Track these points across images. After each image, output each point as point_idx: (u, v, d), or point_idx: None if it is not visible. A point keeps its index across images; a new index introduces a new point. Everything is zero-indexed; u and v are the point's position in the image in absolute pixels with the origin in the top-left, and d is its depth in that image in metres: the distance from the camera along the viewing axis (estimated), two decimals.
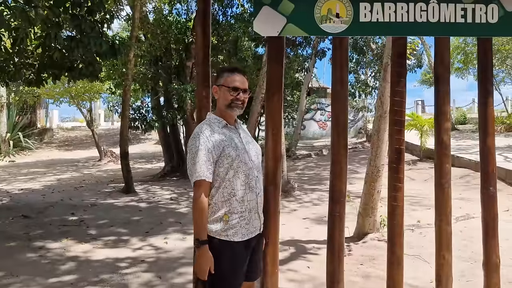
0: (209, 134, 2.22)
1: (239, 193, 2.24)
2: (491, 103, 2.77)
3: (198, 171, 2.15)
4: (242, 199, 2.25)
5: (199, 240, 2.16)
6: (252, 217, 2.30)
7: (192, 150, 2.19)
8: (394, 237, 2.77)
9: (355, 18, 2.65)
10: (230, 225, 2.22)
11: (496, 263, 2.77)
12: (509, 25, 2.69)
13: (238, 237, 2.24)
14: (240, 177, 2.24)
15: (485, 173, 2.79)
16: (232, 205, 2.23)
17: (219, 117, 2.32)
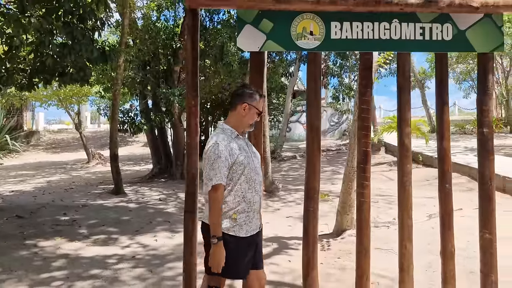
0: (226, 143, 2.56)
1: (248, 195, 2.61)
2: (447, 111, 3.15)
3: (217, 175, 2.49)
4: (249, 201, 2.62)
5: (216, 237, 2.48)
6: (255, 216, 2.68)
7: (211, 157, 2.51)
8: (361, 229, 3.12)
9: (327, 35, 2.99)
10: (237, 223, 2.58)
11: (451, 252, 3.14)
12: (462, 42, 3.07)
13: (243, 233, 2.60)
14: (248, 182, 2.61)
15: (442, 172, 3.16)
16: (240, 206, 2.59)
17: (232, 128, 2.67)
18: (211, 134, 2.75)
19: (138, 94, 11.16)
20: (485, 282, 3.11)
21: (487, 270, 3.11)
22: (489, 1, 2.97)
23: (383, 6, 2.92)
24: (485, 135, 3.12)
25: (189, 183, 3.00)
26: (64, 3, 6.29)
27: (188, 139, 2.99)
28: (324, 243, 5.44)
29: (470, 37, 3.07)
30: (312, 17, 2.98)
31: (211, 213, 2.51)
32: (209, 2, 2.87)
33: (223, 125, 2.71)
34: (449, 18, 3.05)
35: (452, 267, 3.13)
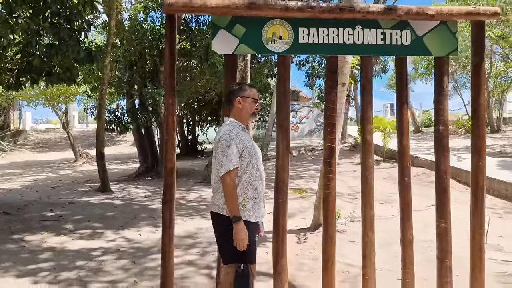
0: (236, 132, 2.79)
1: (255, 183, 2.83)
2: (406, 109, 3.41)
3: (232, 160, 2.68)
4: (256, 188, 2.83)
5: (236, 217, 2.67)
6: (261, 203, 2.90)
7: (224, 144, 2.71)
8: (327, 219, 3.37)
9: (295, 40, 3.24)
10: (247, 208, 2.78)
11: (410, 240, 3.41)
12: (420, 47, 3.34)
13: (253, 218, 2.82)
14: (255, 170, 2.83)
15: (401, 167, 3.43)
16: (248, 192, 2.80)
17: (238, 122, 2.90)
18: (220, 127, 2.94)
19: (125, 94, 11.32)
20: (441, 267, 3.38)
21: (443, 256, 3.39)
22: (444, 10, 3.25)
23: (347, 14, 3.18)
24: (441, 133, 3.40)
25: (167, 175, 3.22)
26: (51, 5, 6.46)
27: (166, 135, 3.21)
28: (301, 236, 5.69)
29: (427, 42, 3.34)
30: (282, 23, 3.23)
31: (228, 196, 2.68)
32: (186, 9, 3.09)
33: (229, 119, 2.93)
34: (407, 24, 3.32)
35: (410, 254, 3.40)
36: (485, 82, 3.49)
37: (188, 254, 4.86)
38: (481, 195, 3.43)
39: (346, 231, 5.89)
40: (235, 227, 2.67)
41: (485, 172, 3.47)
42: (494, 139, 16.77)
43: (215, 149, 2.79)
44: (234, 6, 3.08)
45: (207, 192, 9.13)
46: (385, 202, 7.63)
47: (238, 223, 2.67)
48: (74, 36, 6.83)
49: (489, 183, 8.32)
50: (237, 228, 2.67)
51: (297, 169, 13.24)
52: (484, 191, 3.45)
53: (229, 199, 2.69)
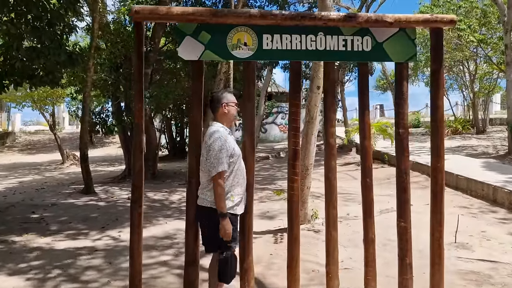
0: (225, 137, 3.15)
1: (240, 181, 3.23)
2: (368, 114, 3.54)
3: (222, 164, 3.06)
4: (241, 185, 3.23)
5: (223, 213, 3.05)
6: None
7: (215, 148, 3.07)
8: (292, 219, 3.49)
9: (259, 46, 3.36)
10: (235, 203, 3.18)
11: (372, 238, 3.54)
12: (380, 53, 3.48)
13: (239, 211, 3.24)
14: (240, 169, 3.22)
15: (364, 167, 3.56)
16: (235, 189, 3.19)
17: (225, 126, 3.27)
18: (208, 129, 3.24)
19: (110, 96, 11.38)
20: (401, 265, 3.52)
21: (403, 254, 3.52)
22: (402, 17, 3.39)
23: (308, 21, 3.31)
24: (400, 135, 3.53)
25: (136, 176, 3.33)
26: (32, 8, 6.54)
27: (136, 137, 3.32)
28: (278, 236, 5.81)
29: (387, 48, 3.48)
30: (246, 29, 3.34)
31: (218, 195, 3.05)
32: (152, 16, 3.20)
33: (215, 123, 3.27)
34: (368, 31, 3.45)
35: (372, 252, 3.54)
36: (443, 86, 3.63)
37: (163, 254, 4.96)
38: (440, 195, 3.57)
39: (322, 231, 5.97)
40: (222, 221, 3.05)
41: (444, 172, 3.60)
42: (479, 140, 17.04)
43: (207, 152, 3.11)
44: (199, 13, 3.19)
45: None
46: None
47: (225, 218, 3.06)
48: (55, 39, 6.90)
49: (467, 183, 8.51)
50: (223, 223, 3.05)
51: (283, 170, 13.36)
52: (443, 190, 3.60)
53: (219, 197, 3.06)
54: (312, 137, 5.83)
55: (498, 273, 4.28)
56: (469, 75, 20.32)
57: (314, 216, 6.45)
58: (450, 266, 4.52)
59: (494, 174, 8.86)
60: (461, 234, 5.59)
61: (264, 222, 6.76)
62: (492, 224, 6.17)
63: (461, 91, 22.33)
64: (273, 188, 9.72)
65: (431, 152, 3.59)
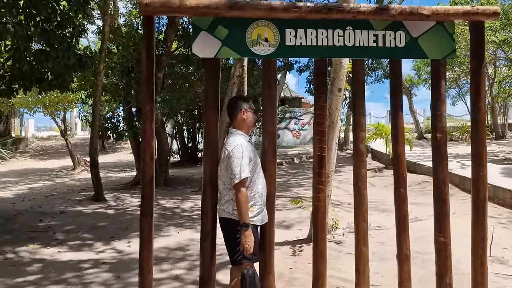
0: (246, 145, 2.99)
1: (259, 190, 3.03)
2: (401, 116, 3.20)
3: (245, 170, 2.88)
4: (261, 195, 3.04)
5: (245, 223, 2.86)
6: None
7: (237, 155, 2.90)
8: (317, 232, 3.15)
9: (281, 42, 3.05)
10: (254, 214, 2.98)
11: (407, 255, 3.18)
12: (415, 49, 3.14)
13: (258, 222, 3.03)
14: (259, 178, 3.05)
15: (397, 175, 3.21)
16: (255, 199, 3.01)
17: (244, 133, 3.11)
18: (228, 137, 3.11)
19: (121, 100, 11.16)
20: (440, 284, 3.16)
21: (442, 272, 3.16)
22: (440, 9, 3.05)
23: (336, 14, 2.98)
24: (438, 140, 3.18)
25: (145, 186, 3.03)
26: (41, 10, 6.33)
27: (144, 144, 3.03)
28: (296, 248, 5.46)
29: (423, 44, 3.14)
30: (267, 24, 3.03)
31: (240, 203, 2.86)
32: (164, 10, 2.90)
33: (237, 131, 3.10)
34: (401, 25, 3.12)
35: (407, 270, 3.18)
36: (484, 85, 3.27)
37: (176, 268, 4.64)
38: (483, 207, 3.20)
39: (344, 242, 5.66)
40: (244, 233, 2.86)
41: (487, 182, 3.24)
42: (499, 146, 16.50)
43: (227, 160, 2.94)
44: (214, 6, 2.89)
45: None
46: (386, 212, 7.38)
47: (247, 230, 2.87)
48: (64, 41, 6.68)
49: (494, 191, 8.07)
50: (246, 234, 2.87)
51: (298, 176, 13.01)
52: (486, 202, 3.22)
53: (241, 206, 2.87)
54: (333, 143, 5.49)
55: None
56: (488, 79, 19.78)
57: (335, 226, 6.10)
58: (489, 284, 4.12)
59: None
60: (495, 247, 5.18)
61: (280, 232, 6.41)
62: None
63: None
64: (289, 196, 9.37)
65: (472, 160, 3.22)
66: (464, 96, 22.92)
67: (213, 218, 3.06)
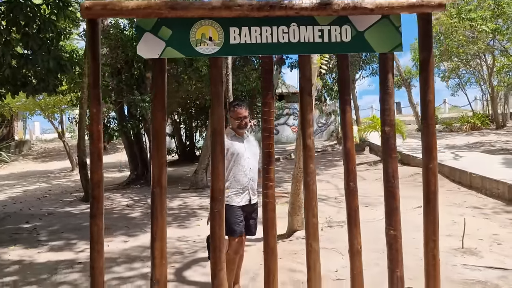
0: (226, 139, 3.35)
1: (237, 177, 3.68)
2: (349, 110, 3.20)
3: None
4: (237, 180, 3.68)
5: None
6: (244, 192, 3.69)
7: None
8: (267, 229, 3.17)
9: (226, 40, 3.06)
10: (227, 195, 3.57)
11: (358, 249, 3.19)
12: (361, 43, 3.13)
13: (234, 203, 3.68)
14: (238, 167, 3.68)
15: (347, 170, 3.21)
16: (231, 184, 3.66)
17: (231, 131, 3.76)
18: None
19: (112, 101, 11.24)
20: (392, 277, 3.16)
21: (393, 266, 3.16)
22: (384, 3, 3.03)
23: (279, 11, 2.98)
24: (386, 133, 3.17)
25: (94, 188, 3.06)
26: (19, 15, 6.39)
27: (91, 146, 3.05)
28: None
29: (369, 38, 3.12)
30: (211, 23, 3.04)
31: None
32: (106, 12, 2.93)
33: (228, 129, 3.76)
34: (347, 20, 3.11)
35: (359, 264, 3.18)
36: (433, 77, 3.26)
37: (146, 266, 4.69)
38: (434, 200, 3.18)
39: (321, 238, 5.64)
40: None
41: (437, 174, 3.23)
42: (498, 135, 16.35)
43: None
44: (157, 7, 2.90)
45: (191, 199, 8.99)
46: (370, 205, 7.38)
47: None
48: (44, 46, 6.74)
49: (482, 182, 8.04)
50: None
51: (290, 171, 13.01)
52: (436, 195, 3.21)
53: None
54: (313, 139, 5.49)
55: (507, 283, 3.87)
56: (487, 69, 19.59)
57: None
58: (455, 275, 4.13)
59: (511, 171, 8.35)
60: (471, 238, 5.17)
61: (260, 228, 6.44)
62: (506, 226, 5.73)
63: (479, 86, 21.57)
64: (278, 191, 9.39)
65: (423, 153, 3.22)
66: (464, 87, 22.76)
67: (162, 219, 3.08)
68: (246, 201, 3.74)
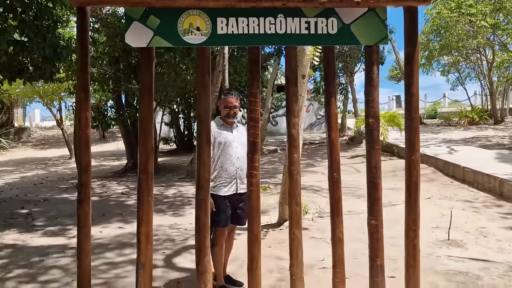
0: (213, 127, 3.56)
1: (224, 166, 3.66)
2: (334, 102, 3.25)
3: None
4: (226, 170, 3.65)
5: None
6: (232, 182, 3.67)
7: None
8: (252, 216, 3.23)
9: (213, 30, 3.10)
10: (216, 185, 3.62)
11: (340, 238, 3.25)
12: (347, 36, 3.17)
13: (221, 193, 3.65)
14: (225, 156, 3.66)
15: (331, 160, 3.27)
16: (219, 173, 3.65)
17: (221, 120, 3.76)
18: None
19: (110, 90, 11.27)
20: (372, 266, 3.24)
21: (374, 254, 3.23)
22: None
23: (265, 2, 3.02)
24: (370, 125, 3.22)
25: (82, 173, 3.13)
26: (16, 2, 6.41)
27: (79, 132, 3.11)
28: (263, 233, 5.56)
29: (355, 30, 3.16)
30: (198, 13, 3.08)
31: None
32: (95, 0, 2.98)
33: (217, 118, 3.80)
34: (333, 12, 3.14)
35: (340, 252, 3.25)
36: (418, 71, 3.30)
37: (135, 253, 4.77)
38: (415, 191, 3.25)
39: (310, 227, 5.75)
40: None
41: (419, 167, 3.29)
42: (495, 131, 16.37)
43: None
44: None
45: (186, 188, 9.07)
46: (362, 197, 7.44)
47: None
48: (40, 33, 6.76)
49: (474, 176, 8.10)
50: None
51: None
52: (418, 186, 3.28)
53: None
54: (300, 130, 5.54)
55: (489, 274, 3.95)
56: (487, 64, 19.56)
57: (304, 211, 6.20)
58: (438, 266, 4.21)
59: (504, 166, 8.41)
60: (458, 230, 5.25)
61: None
62: (494, 220, 5.79)
63: (479, 80, 21.55)
64: (272, 182, 9.48)
65: (405, 144, 3.27)
66: (464, 81, 22.74)
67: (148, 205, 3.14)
68: (233, 191, 3.72)
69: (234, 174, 3.72)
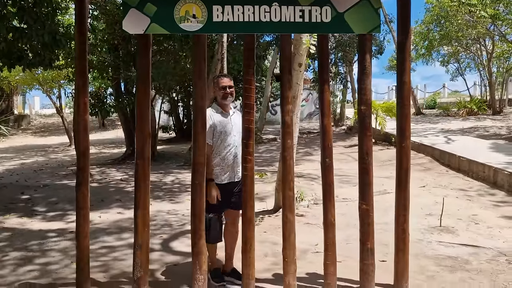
0: (211, 115, 3.54)
1: (222, 154, 3.59)
2: (328, 89, 3.33)
3: (207, 138, 3.40)
4: (223, 158, 3.59)
5: (209, 179, 3.41)
6: (229, 170, 3.62)
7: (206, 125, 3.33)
8: (246, 200, 3.32)
9: (209, 18, 3.16)
10: (214, 173, 3.55)
11: (331, 221, 3.35)
12: (341, 24, 3.23)
13: (218, 180, 3.58)
14: (224, 145, 3.59)
15: (323, 146, 3.35)
16: (217, 161, 3.58)
17: (218, 107, 3.64)
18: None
19: (109, 77, 11.30)
20: (362, 249, 3.34)
21: (364, 238, 3.34)
22: None
23: None
24: (362, 112, 3.31)
25: (80, 157, 3.22)
26: None
27: (77, 117, 3.19)
28: (258, 218, 5.67)
29: (349, 19, 3.23)
30: (194, 1, 3.14)
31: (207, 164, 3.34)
32: None
33: (213, 105, 3.71)
34: (327, 1, 3.20)
35: (331, 235, 3.35)
36: (409, 60, 3.36)
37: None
38: (405, 177, 3.34)
39: (306, 214, 5.85)
40: (209, 186, 3.42)
41: (410, 153, 3.38)
42: (493, 121, 16.44)
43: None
44: None
45: (184, 175, 9.16)
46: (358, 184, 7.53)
47: (210, 183, 3.47)
48: (39, 20, 6.79)
49: (469, 165, 8.19)
50: (210, 187, 3.45)
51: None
52: (408, 172, 3.36)
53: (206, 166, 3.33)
54: (294, 117, 5.61)
55: (477, 259, 4.05)
56: (486, 54, 19.55)
57: (300, 198, 6.29)
58: (429, 251, 4.31)
59: (499, 156, 8.50)
60: (450, 217, 5.35)
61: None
62: (486, 207, 5.89)
63: (479, 71, 21.54)
64: (270, 169, 9.58)
65: (396, 132, 3.36)
66: (463, 72, 22.73)
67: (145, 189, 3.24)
68: (231, 179, 3.65)
69: (232, 163, 3.66)
